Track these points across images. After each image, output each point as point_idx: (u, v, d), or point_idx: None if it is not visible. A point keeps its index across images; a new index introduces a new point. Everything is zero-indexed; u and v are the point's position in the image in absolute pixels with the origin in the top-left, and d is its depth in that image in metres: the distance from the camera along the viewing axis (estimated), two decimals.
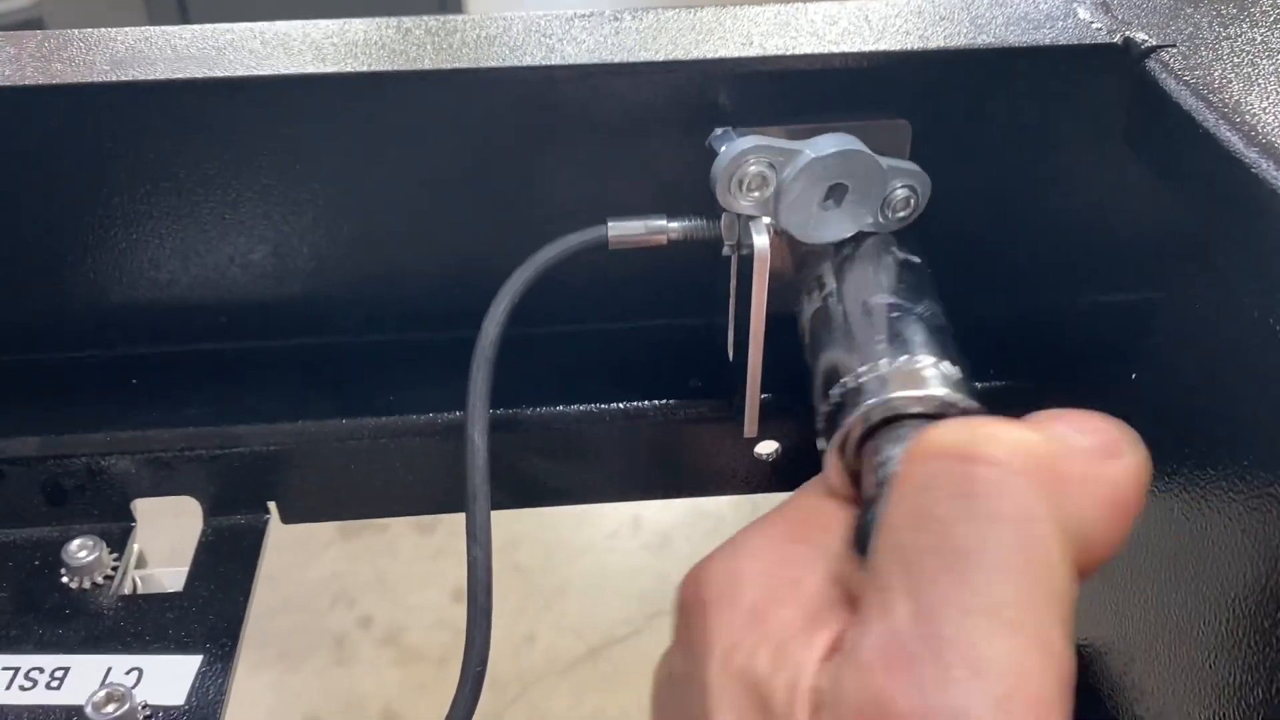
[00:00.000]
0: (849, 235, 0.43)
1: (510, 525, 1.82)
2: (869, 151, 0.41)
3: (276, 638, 1.73)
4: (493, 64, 0.42)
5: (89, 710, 0.42)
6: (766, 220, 0.42)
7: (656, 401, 0.49)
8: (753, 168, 0.41)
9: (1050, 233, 0.50)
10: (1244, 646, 0.37)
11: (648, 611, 1.75)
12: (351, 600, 1.79)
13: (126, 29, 0.44)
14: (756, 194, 0.41)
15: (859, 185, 0.42)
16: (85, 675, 0.44)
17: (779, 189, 0.41)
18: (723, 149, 0.41)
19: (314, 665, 1.72)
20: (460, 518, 0.44)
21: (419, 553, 1.85)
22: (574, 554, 1.83)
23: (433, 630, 1.73)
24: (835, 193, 0.42)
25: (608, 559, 1.83)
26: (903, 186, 0.43)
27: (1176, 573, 0.42)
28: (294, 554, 1.85)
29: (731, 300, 0.46)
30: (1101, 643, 0.47)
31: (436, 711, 0.41)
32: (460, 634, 0.42)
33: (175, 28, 0.44)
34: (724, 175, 0.41)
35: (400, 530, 1.89)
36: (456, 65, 0.42)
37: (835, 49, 0.43)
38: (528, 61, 0.42)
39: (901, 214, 0.44)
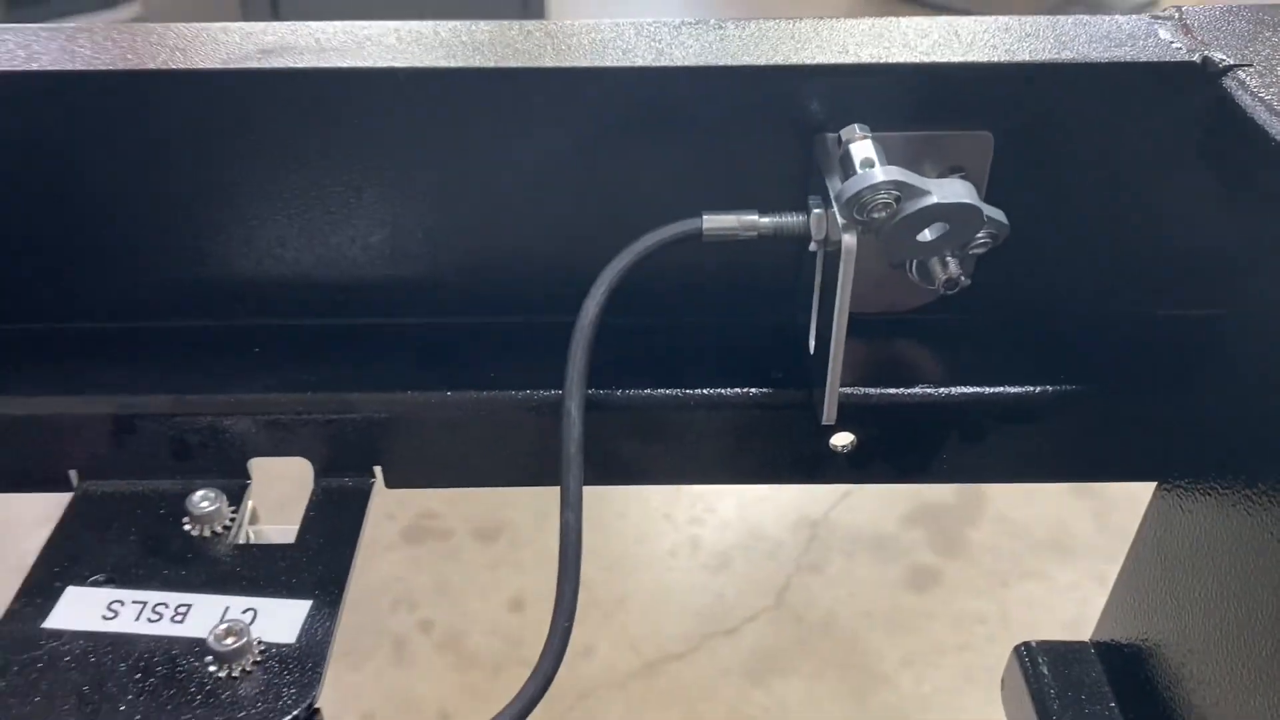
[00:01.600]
0: (927, 258, 0.47)
1: None
2: (980, 205, 0.44)
3: (339, 636, 1.77)
4: (608, 63, 0.45)
5: (210, 641, 0.46)
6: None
7: (739, 389, 0.52)
8: (883, 197, 0.43)
9: (1125, 244, 0.53)
10: None
11: (705, 631, 1.77)
12: (413, 604, 1.83)
13: (278, 23, 0.48)
14: (876, 215, 0.44)
15: (958, 227, 0.45)
16: (206, 612, 0.48)
17: (894, 214, 0.44)
18: (861, 170, 0.43)
19: (374, 665, 1.75)
20: (521, 528, 0.47)
21: (480, 560, 1.89)
22: (634, 569, 1.86)
23: (490, 637, 1.76)
24: (936, 229, 0.45)
25: (667, 576, 1.85)
26: (985, 235, 0.46)
27: (1237, 573, 0.43)
28: (358, 554, 1.89)
29: (815, 294, 0.49)
30: (1160, 638, 0.49)
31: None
32: (517, 644, 0.45)
33: (320, 23, 0.48)
34: (853, 196, 0.43)
35: (462, 537, 1.92)
36: (575, 64, 0.45)
37: (926, 59, 0.46)
38: (640, 63, 0.46)
39: (976, 252, 0.47)
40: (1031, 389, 0.52)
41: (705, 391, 0.52)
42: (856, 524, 1.94)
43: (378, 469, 0.54)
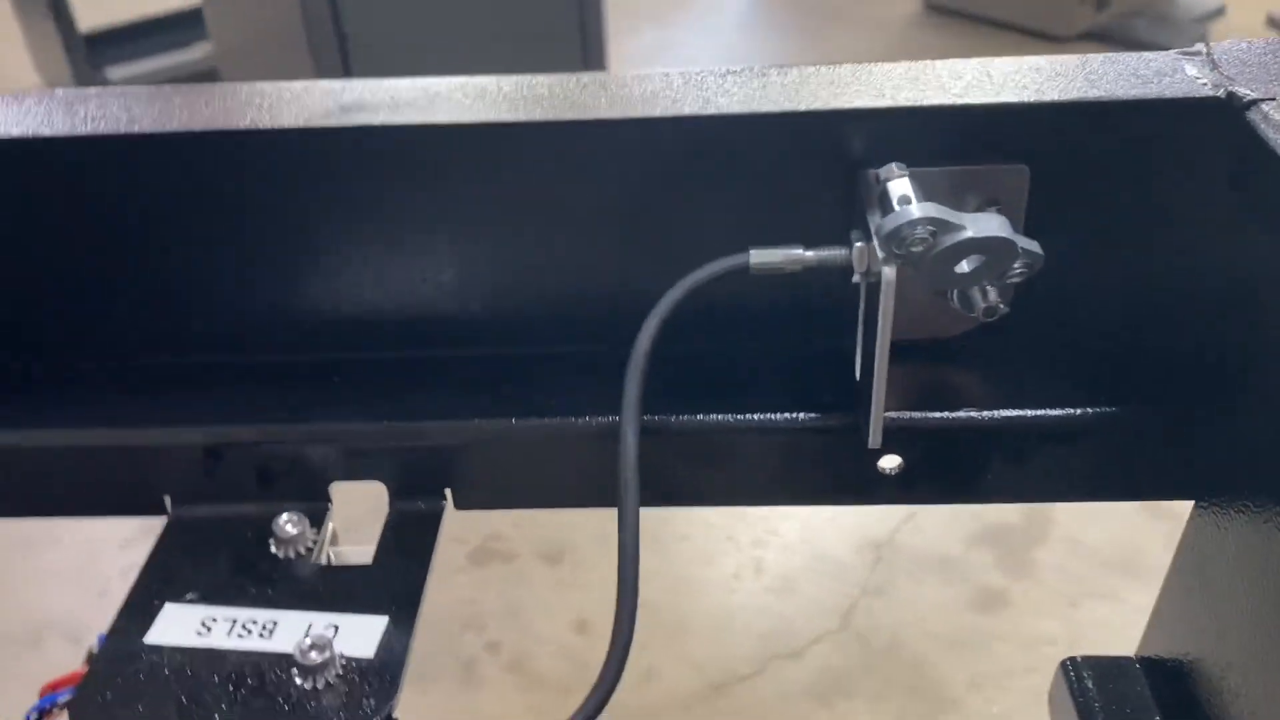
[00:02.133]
0: (967, 288, 0.49)
1: None
2: (1014, 238, 0.47)
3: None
4: (658, 113, 0.48)
5: (297, 655, 0.49)
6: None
7: (789, 414, 0.55)
8: (919, 232, 0.46)
9: (1161, 270, 0.54)
10: None
11: (769, 653, 1.77)
12: (481, 626, 1.86)
13: (355, 80, 0.52)
14: (914, 249, 0.46)
15: (993, 258, 0.47)
16: (291, 628, 0.52)
17: (930, 248, 0.46)
18: (898, 207, 0.46)
19: (443, 687, 1.78)
20: (585, 551, 0.49)
21: (546, 582, 1.91)
22: (697, 592, 1.87)
23: (556, 659, 1.78)
24: (973, 261, 0.47)
25: (731, 599, 1.86)
26: (1021, 265, 0.48)
27: (1273, 591, 0.45)
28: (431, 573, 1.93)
29: (860, 323, 0.51)
30: (1201, 654, 0.50)
31: None
32: (583, 666, 0.48)
33: (393, 80, 0.52)
34: (891, 231, 0.46)
35: (528, 560, 1.96)
36: (628, 115, 0.49)
37: (960, 101, 0.48)
38: (687, 111, 0.49)
39: (1013, 281, 0.49)
40: (1072, 411, 0.53)
41: (757, 416, 0.55)
42: (922, 546, 1.93)
43: (448, 492, 0.57)
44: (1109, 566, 1.86)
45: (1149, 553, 1.86)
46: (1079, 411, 0.53)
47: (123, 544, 1.92)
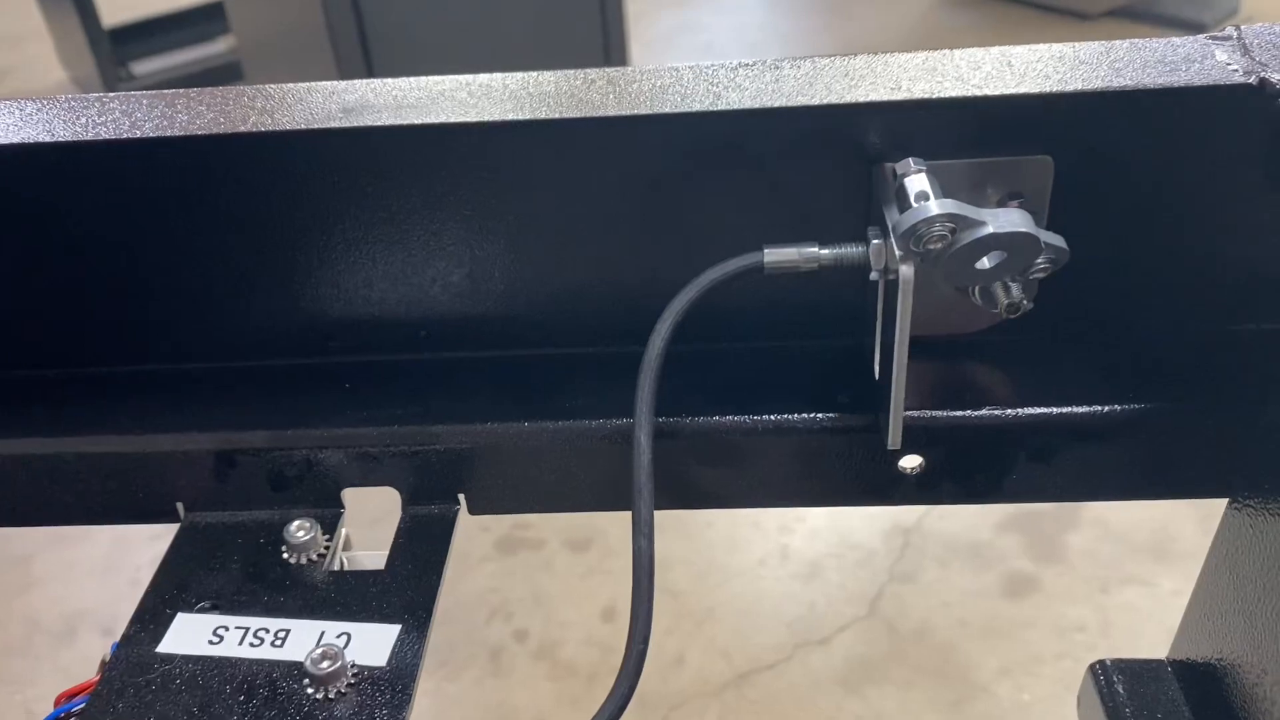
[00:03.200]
0: (988, 284, 0.47)
1: (663, 548, 1.85)
2: (1037, 233, 0.45)
3: (436, 647, 1.81)
4: (666, 110, 0.47)
5: (308, 665, 0.49)
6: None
7: (806, 415, 0.53)
8: (938, 229, 0.44)
9: (1191, 262, 0.53)
10: None
11: (796, 640, 1.77)
12: (508, 614, 1.86)
13: (357, 81, 0.51)
14: (933, 246, 0.45)
15: (1016, 254, 0.46)
16: (303, 636, 0.51)
17: (950, 245, 0.45)
18: (916, 203, 0.44)
19: (471, 675, 1.79)
20: (613, 536, 0.49)
21: (572, 570, 1.92)
22: (725, 579, 1.87)
23: (584, 647, 1.79)
24: (994, 257, 0.46)
25: (758, 585, 1.86)
26: (1045, 260, 0.46)
27: None
28: (453, 567, 1.94)
29: (878, 322, 0.50)
30: (1234, 658, 0.49)
31: None
32: (610, 651, 0.47)
33: (396, 80, 0.51)
34: (908, 229, 0.44)
35: (555, 548, 1.96)
36: (635, 111, 0.47)
37: (978, 92, 0.47)
38: (696, 108, 0.47)
39: (1036, 277, 0.47)
40: (1099, 408, 0.52)
41: (773, 417, 0.54)
42: (950, 531, 1.92)
43: (461, 496, 0.57)
44: (1139, 551, 1.84)
45: (1180, 538, 1.84)
46: (1106, 409, 0.52)
47: (153, 536, 1.94)
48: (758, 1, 4.04)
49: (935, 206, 0.44)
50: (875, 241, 0.47)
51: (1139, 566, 1.81)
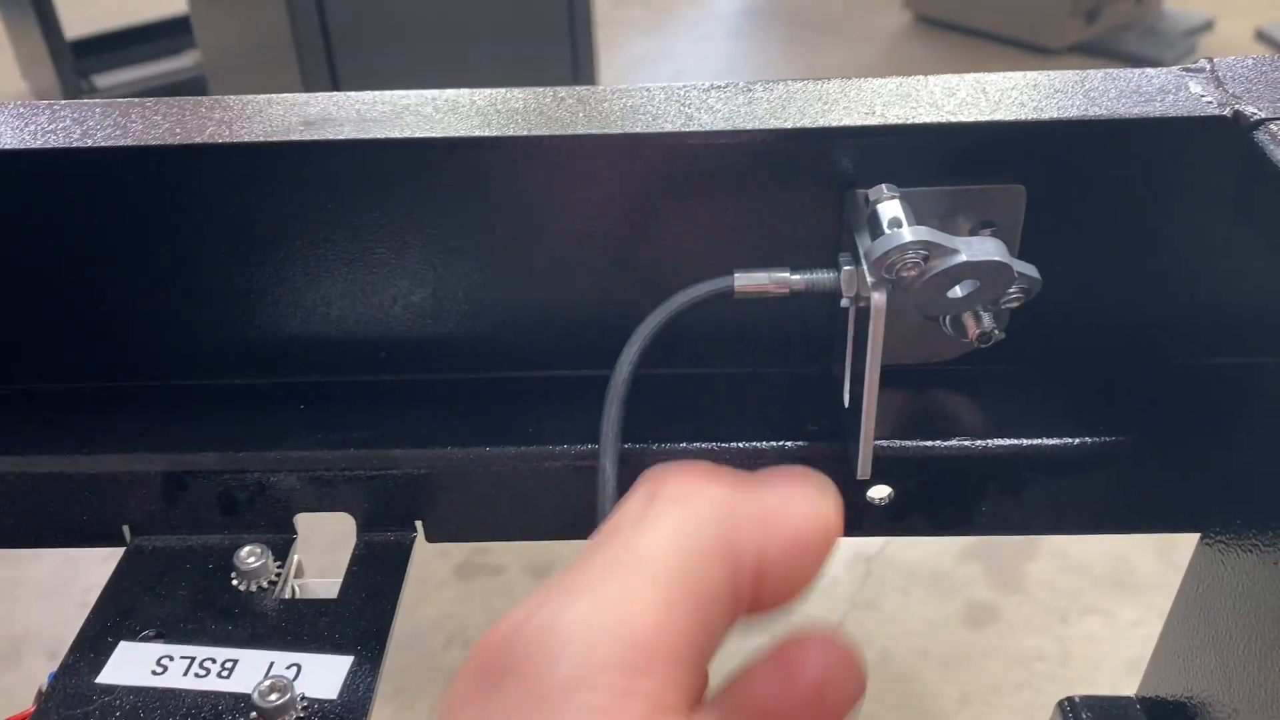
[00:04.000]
0: (960, 313, 0.47)
1: None
2: (1010, 261, 0.44)
3: (392, 674, 1.78)
4: (639, 129, 0.46)
5: (255, 698, 0.47)
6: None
7: (774, 443, 0.52)
8: (911, 257, 0.43)
9: (1163, 295, 0.52)
10: None
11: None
12: (466, 640, 1.84)
13: (319, 94, 0.50)
14: (905, 274, 0.44)
15: (988, 283, 0.45)
16: (251, 667, 0.49)
17: (923, 273, 0.44)
18: (889, 230, 0.43)
19: (427, 703, 1.76)
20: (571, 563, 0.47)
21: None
22: None
23: None
24: (966, 286, 0.45)
25: None
26: (1018, 290, 0.46)
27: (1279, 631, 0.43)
28: (411, 593, 1.91)
29: (848, 349, 0.49)
30: (1205, 696, 0.48)
31: None
32: None
33: (359, 93, 0.50)
34: (880, 256, 0.43)
35: (514, 573, 1.94)
36: (606, 130, 0.46)
37: (952, 119, 0.46)
38: (668, 128, 0.46)
39: (1009, 306, 0.47)
40: (1070, 440, 0.51)
41: (741, 445, 0.53)
42: (912, 560, 1.92)
43: (419, 523, 0.55)
44: (1099, 581, 1.85)
45: (1139, 569, 1.84)
46: (1078, 441, 0.51)
47: (103, 558, 1.90)
48: (726, 31, 4.07)
49: (909, 234, 0.43)
50: (847, 268, 0.47)
51: (1098, 597, 1.81)
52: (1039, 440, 0.51)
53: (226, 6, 2.80)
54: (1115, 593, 1.82)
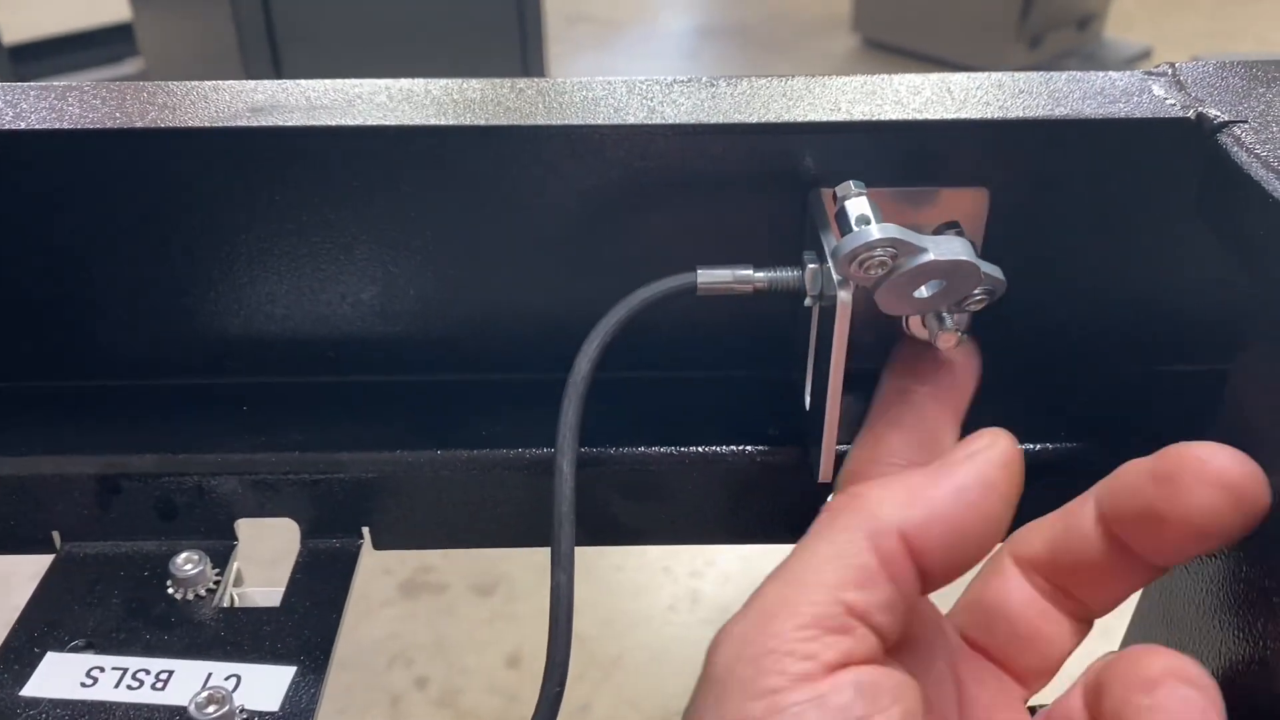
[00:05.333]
0: (922, 314, 0.46)
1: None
2: (977, 261, 0.44)
3: (334, 694, 1.75)
4: (600, 121, 0.45)
5: (191, 710, 0.45)
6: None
7: (734, 447, 0.51)
8: (879, 254, 0.42)
9: (1124, 301, 0.52)
10: None
11: None
12: (409, 660, 1.80)
13: (268, 81, 0.48)
14: (873, 273, 0.43)
15: (954, 283, 0.44)
16: (188, 678, 0.47)
17: (890, 271, 0.43)
18: (857, 227, 0.43)
19: None
20: (518, 581, 0.46)
21: (477, 615, 1.87)
22: (632, 625, 1.83)
23: (487, 694, 1.73)
24: (932, 286, 0.44)
25: (666, 631, 1.83)
26: (982, 292, 0.45)
27: (1241, 628, 0.42)
28: (353, 612, 1.88)
29: (811, 349, 0.48)
30: None
31: None
32: (513, 700, 0.44)
33: (310, 81, 0.48)
34: (849, 253, 0.43)
35: (459, 592, 1.91)
36: (567, 122, 0.45)
37: (918, 117, 0.45)
38: (631, 120, 0.45)
39: (973, 309, 0.46)
40: (1031, 446, 0.51)
41: (700, 449, 0.52)
42: None
43: (365, 530, 0.53)
44: None
45: None
46: (1039, 447, 0.50)
47: (34, 576, 1.84)
48: (677, 50, 4.09)
49: (877, 230, 0.42)
50: (811, 266, 0.46)
51: None
52: None
53: (170, 12, 2.75)
54: None
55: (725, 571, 1.92)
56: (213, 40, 2.48)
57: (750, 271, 0.46)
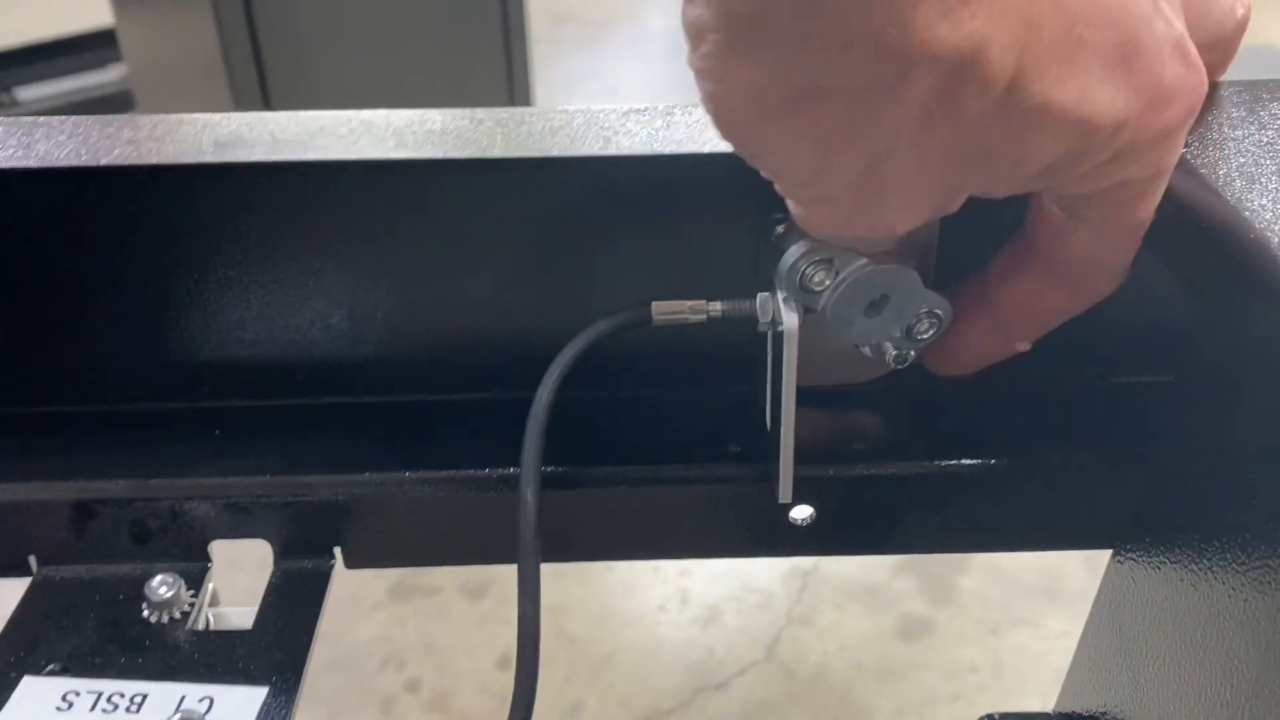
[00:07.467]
0: (874, 341, 0.47)
1: (562, 593, 1.84)
2: (914, 271, 0.45)
3: (326, 697, 1.76)
4: (555, 153, 0.46)
5: None
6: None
7: (697, 465, 0.52)
8: (816, 268, 0.44)
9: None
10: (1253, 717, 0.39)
11: (695, 685, 1.75)
12: (400, 663, 1.81)
13: (232, 114, 0.49)
14: (815, 290, 0.45)
15: (899, 301, 0.46)
16: (161, 701, 0.48)
17: (835, 285, 0.44)
18: (789, 245, 0.44)
19: None
20: (509, 583, 0.47)
21: (468, 618, 1.87)
22: (622, 625, 1.85)
23: (478, 696, 1.75)
24: (878, 304, 0.46)
25: (656, 631, 1.84)
26: (929, 314, 0.46)
27: (1191, 645, 0.43)
28: (344, 614, 1.89)
29: (768, 373, 0.49)
30: (1120, 710, 0.49)
31: None
32: (504, 702, 0.45)
33: (273, 114, 0.49)
34: (791, 266, 0.44)
35: (450, 594, 1.91)
36: (523, 154, 0.46)
37: None
38: (585, 152, 0.46)
39: (922, 337, 0.47)
40: (987, 460, 0.52)
41: (663, 468, 0.53)
42: (847, 574, 1.93)
43: (337, 550, 0.54)
44: (1030, 592, 1.88)
45: (1067, 578, 1.88)
46: (994, 461, 0.52)
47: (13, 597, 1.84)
48: (661, 50, 4.09)
49: (810, 243, 0.43)
50: (762, 294, 0.47)
51: (1028, 608, 1.84)
52: (956, 461, 0.52)
53: (154, 18, 2.75)
54: (1045, 603, 1.85)
55: (714, 571, 1.93)
56: (196, 44, 2.48)
57: (704, 302, 0.47)
